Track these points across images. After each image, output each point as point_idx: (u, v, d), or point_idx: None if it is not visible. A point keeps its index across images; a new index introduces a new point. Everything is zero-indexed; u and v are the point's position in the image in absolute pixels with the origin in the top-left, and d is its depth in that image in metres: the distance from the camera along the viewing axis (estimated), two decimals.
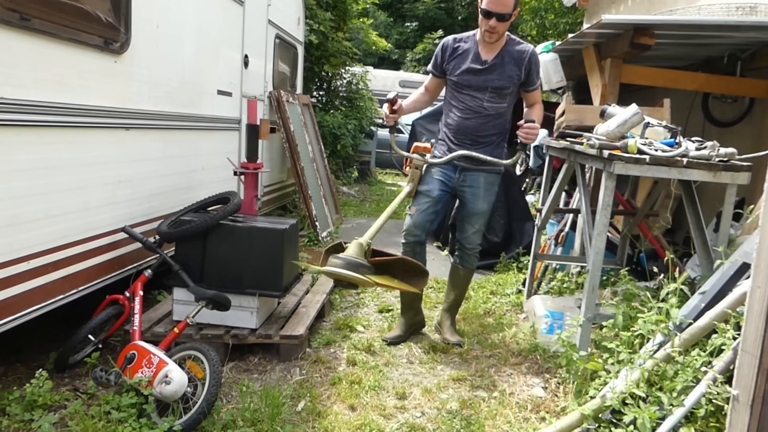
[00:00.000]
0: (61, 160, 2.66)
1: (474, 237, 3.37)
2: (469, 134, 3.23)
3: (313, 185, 6.15)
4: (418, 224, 3.28)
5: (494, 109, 3.20)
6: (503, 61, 3.16)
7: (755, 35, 3.75)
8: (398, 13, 24.46)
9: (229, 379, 2.86)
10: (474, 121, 3.21)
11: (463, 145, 3.24)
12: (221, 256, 3.04)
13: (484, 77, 3.16)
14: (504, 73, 3.15)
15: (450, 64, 3.25)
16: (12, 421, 2.33)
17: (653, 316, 2.42)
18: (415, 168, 3.25)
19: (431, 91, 3.43)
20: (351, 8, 10.53)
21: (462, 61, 3.21)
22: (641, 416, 2.05)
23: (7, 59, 2.30)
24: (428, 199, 3.26)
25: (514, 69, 3.16)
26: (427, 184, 3.28)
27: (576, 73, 5.03)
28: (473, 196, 3.28)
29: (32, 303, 2.53)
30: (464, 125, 3.23)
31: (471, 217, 3.32)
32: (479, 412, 2.66)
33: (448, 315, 3.55)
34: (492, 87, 3.16)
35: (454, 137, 3.27)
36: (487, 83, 3.16)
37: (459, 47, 3.25)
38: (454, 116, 3.27)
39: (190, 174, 3.95)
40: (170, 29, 3.53)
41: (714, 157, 2.72)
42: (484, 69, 3.16)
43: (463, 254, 3.44)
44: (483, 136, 3.23)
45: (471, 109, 3.21)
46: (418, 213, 3.28)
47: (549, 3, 12.95)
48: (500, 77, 3.15)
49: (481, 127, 3.22)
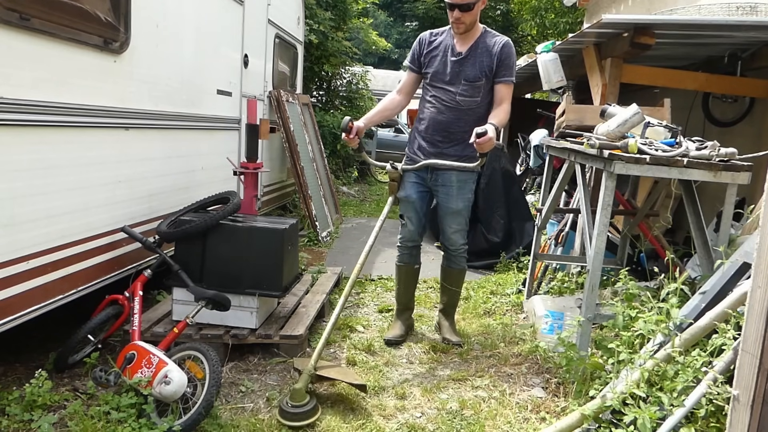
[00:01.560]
0: (60, 160, 2.66)
1: (455, 237, 3.33)
2: (441, 130, 3.18)
3: (313, 185, 6.15)
4: (412, 232, 3.34)
5: (467, 104, 3.14)
6: (477, 52, 3.13)
7: (755, 35, 3.75)
8: (398, 13, 24.46)
9: (229, 379, 2.86)
10: (446, 116, 3.16)
11: (433, 142, 3.20)
12: (221, 256, 3.03)
13: (458, 69, 3.13)
14: (476, 63, 3.11)
15: (427, 57, 3.22)
16: (11, 421, 2.32)
17: (653, 316, 2.42)
18: (392, 180, 3.19)
19: (406, 91, 3.34)
20: (351, 8, 10.54)
21: (438, 53, 3.19)
22: (641, 416, 2.05)
23: (6, 59, 2.30)
24: (410, 205, 3.27)
25: (486, 59, 3.11)
26: (404, 189, 3.26)
27: (576, 73, 5.03)
28: (446, 196, 3.24)
29: (32, 303, 2.53)
30: (436, 120, 3.18)
31: (447, 217, 3.28)
32: (479, 412, 2.66)
33: (446, 315, 3.54)
34: (465, 79, 3.11)
35: (424, 133, 3.23)
36: (460, 75, 3.12)
37: (435, 40, 3.23)
38: (427, 111, 3.23)
39: (190, 174, 3.95)
40: (170, 29, 3.53)
41: (714, 157, 2.71)
42: (457, 60, 3.13)
43: (449, 255, 3.42)
44: (454, 132, 3.16)
45: (444, 103, 3.16)
46: (408, 222, 3.30)
47: (549, 2, 12.95)
48: (473, 68, 3.11)
49: (453, 123, 3.16)
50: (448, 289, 3.50)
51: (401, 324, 3.48)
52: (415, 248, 3.40)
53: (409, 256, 3.41)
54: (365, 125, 3.13)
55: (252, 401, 2.68)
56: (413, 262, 3.45)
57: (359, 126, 3.06)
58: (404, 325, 3.49)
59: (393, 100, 3.32)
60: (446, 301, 3.53)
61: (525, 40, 17.96)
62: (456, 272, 3.46)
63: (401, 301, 3.53)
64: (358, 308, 4.06)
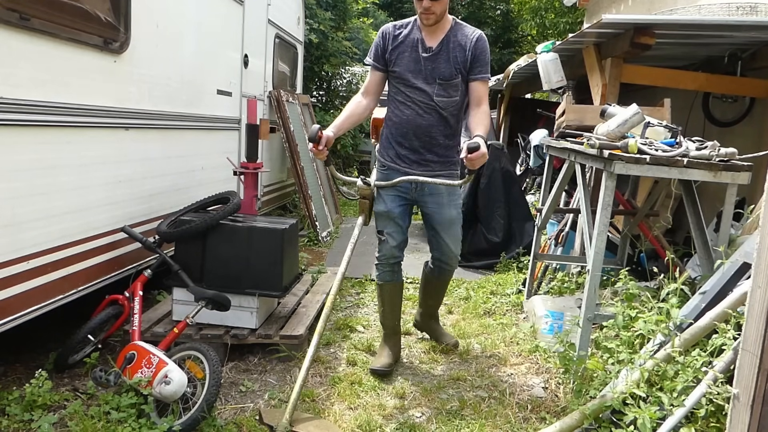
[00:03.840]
0: (60, 160, 2.66)
1: (453, 248, 3.02)
2: (422, 134, 2.84)
3: (313, 185, 6.16)
4: (393, 248, 2.97)
5: (444, 104, 2.82)
6: (449, 47, 2.80)
7: (756, 35, 3.75)
8: (398, 13, 24.44)
9: (229, 379, 2.86)
10: (425, 119, 2.83)
11: (413, 149, 2.87)
12: (221, 256, 3.03)
13: (431, 66, 2.80)
14: (449, 59, 2.79)
15: (393, 54, 2.85)
16: (12, 422, 2.32)
17: (653, 316, 2.42)
18: (363, 198, 2.79)
19: (372, 92, 2.94)
20: (351, 8, 10.54)
21: (405, 49, 2.84)
22: (641, 416, 2.05)
23: (6, 59, 2.30)
24: (391, 221, 2.92)
25: (460, 54, 2.79)
26: (384, 203, 2.89)
27: (576, 73, 5.03)
28: (437, 205, 2.91)
29: (32, 303, 2.53)
30: (414, 124, 2.83)
31: (440, 228, 2.96)
32: (479, 412, 2.66)
33: (432, 317, 3.37)
34: (439, 77, 2.79)
35: (402, 138, 2.88)
36: (434, 72, 2.79)
37: (401, 34, 2.86)
38: (402, 114, 2.86)
39: (190, 174, 3.95)
40: (170, 29, 3.53)
41: (714, 157, 2.71)
42: (429, 57, 2.80)
43: (442, 268, 3.11)
44: (435, 137, 2.85)
45: (420, 105, 2.82)
46: (389, 238, 2.94)
47: (549, 2, 12.96)
48: (446, 65, 2.79)
49: (434, 126, 2.84)
50: (431, 296, 3.27)
51: (389, 351, 3.08)
52: (397, 264, 3.05)
53: (391, 273, 3.03)
54: (335, 134, 2.74)
55: (252, 401, 2.68)
56: (396, 278, 3.07)
57: (328, 136, 2.66)
58: (392, 351, 3.09)
59: (359, 104, 2.91)
60: (432, 303, 3.29)
61: (525, 40, 17.97)
62: (443, 282, 3.22)
63: (388, 324, 3.15)
64: (358, 308, 4.06)
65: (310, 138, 2.61)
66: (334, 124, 2.81)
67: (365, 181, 2.77)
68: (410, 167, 2.86)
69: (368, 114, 2.98)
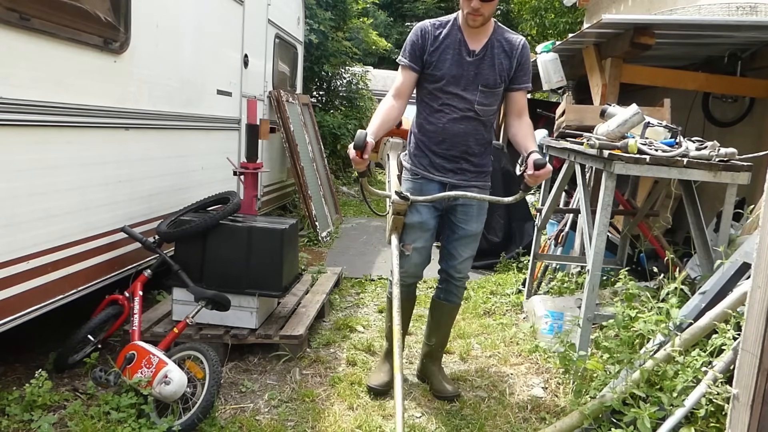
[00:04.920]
0: (60, 160, 2.66)
1: (466, 264, 2.80)
2: (459, 143, 2.64)
3: (313, 185, 6.15)
4: (417, 266, 2.75)
5: (485, 112, 2.64)
6: (494, 51, 2.60)
7: (755, 35, 3.75)
8: (398, 13, 24.44)
9: (229, 379, 2.86)
10: (464, 127, 2.63)
11: (446, 158, 2.67)
12: (221, 256, 3.03)
13: (475, 71, 2.58)
14: (494, 66, 2.60)
15: (433, 55, 2.60)
16: (11, 422, 2.32)
17: (653, 316, 2.42)
18: (398, 214, 2.57)
19: (405, 94, 2.68)
20: (351, 8, 10.54)
21: (447, 51, 2.60)
22: (641, 416, 2.05)
23: (6, 59, 2.30)
24: (425, 233, 2.70)
25: (505, 61, 2.61)
26: (418, 214, 2.66)
27: (576, 73, 5.03)
28: (466, 216, 2.71)
29: (32, 303, 2.53)
30: (452, 132, 2.62)
31: (463, 240, 2.74)
32: (479, 412, 2.66)
33: (434, 361, 2.94)
34: (483, 84, 2.59)
35: (438, 147, 2.67)
36: (478, 79, 2.59)
37: (441, 34, 2.62)
38: (436, 122, 2.64)
39: (190, 174, 3.95)
40: (170, 29, 3.53)
41: (714, 157, 2.71)
42: (473, 61, 2.58)
43: (450, 286, 2.85)
44: (472, 146, 2.67)
45: (461, 113, 2.61)
46: (417, 252, 2.70)
47: (549, 2, 12.95)
48: (491, 71, 2.59)
49: (471, 134, 2.65)
50: (439, 327, 2.93)
51: (389, 368, 2.81)
52: (414, 285, 2.86)
53: (407, 292, 2.79)
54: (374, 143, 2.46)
55: (252, 401, 2.68)
56: (410, 297, 2.88)
57: (372, 144, 2.38)
58: (391, 369, 2.74)
59: (393, 108, 2.64)
60: (436, 341, 2.93)
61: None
62: (452, 308, 2.91)
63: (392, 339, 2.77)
64: (358, 308, 4.06)
65: (357, 145, 2.30)
66: (372, 132, 2.47)
67: (402, 195, 2.51)
68: (445, 176, 2.68)
69: (400, 117, 2.69)
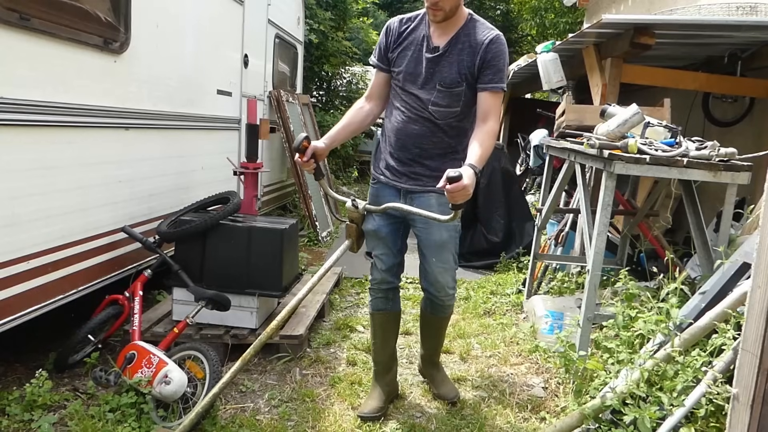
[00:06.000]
0: (60, 160, 2.66)
1: (441, 278, 2.54)
2: (411, 145, 2.45)
3: (313, 185, 6.16)
4: (383, 272, 2.60)
5: (442, 116, 2.39)
6: (457, 47, 2.37)
7: (755, 35, 3.75)
8: (398, 13, 24.47)
9: None
10: (417, 128, 2.43)
11: (400, 160, 2.48)
12: (221, 256, 3.03)
13: (432, 69, 2.38)
14: (454, 63, 2.36)
15: (394, 51, 2.46)
16: (12, 421, 2.32)
17: (653, 316, 2.42)
18: (351, 222, 2.45)
19: (376, 96, 2.55)
20: (351, 8, 10.55)
21: (409, 47, 2.44)
22: (641, 416, 2.05)
23: (6, 59, 2.30)
24: (380, 241, 2.56)
25: (467, 57, 2.35)
26: (372, 220, 2.52)
27: (576, 73, 5.03)
28: (426, 225, 2.46)
29: (32, 303, 2.53)
30: (404, 132, 2.45)
31: (429, 252, 2.52)
32: (479, 412, 2.66)
33: (433, 364, 2.88)
34: (440, 82, 2.38)
35: (392, 149, 2.50)
36: (435, 77, 2.38)
37: (406, 30, 2.46)
38: (393, 121, 2.49)
39: (190, 174, 3.95)
40: (170, 29, 3.53)
41: (714, 157, 2.71)
42: (433, 58, 2.38)
43: (432, 302, 2.64)
44: (427, 149, 2.45)
45: (413, 112, 2.43)
46: (379, 261, 2.58)
47: (549, 2, 12.96)
48: (449, 68, 2.37)
49: (426, 137, 2.43)
50: (430, 336, 2.82)
51: (380, 392, 2.66)
52: (392, 290, 2.66)
53: (384, 300, 2.64)
54: (327, 146, 2.38)
55: (252, 401, 2.68)
56: (391, 307, 2.68)
57: (317, 147, 2.31)
58: (384, 392, 2.67)
59: (360, 111, 2.53)
60: (430, 347, 2.82)
61: (525, 40, 17.97)
62: (439, 319, 2.74)
63: (379, 360, 2.72)
64: (358, 308, 4.06)
65: (295, 148, 2.28)
66: (328, 135, 2.43)
67: (355, 202, 2.42)
68: (399, 180, 2.50)
69: (371, 121, 2.59)
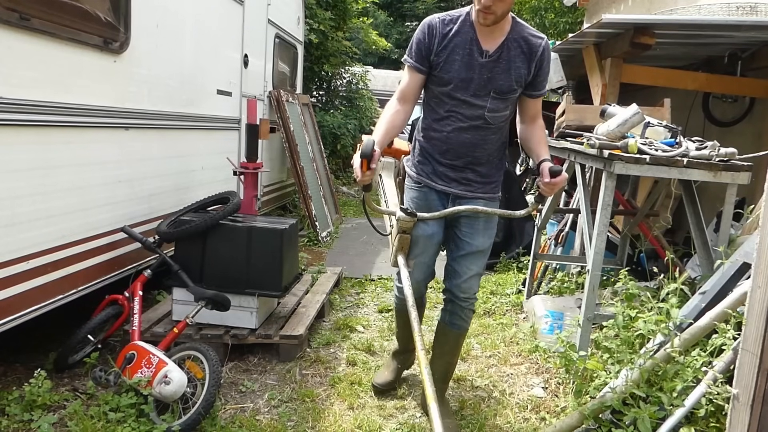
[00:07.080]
0: (60, 160, 2.66)
1: (472, 282, 2.51)
2: (464, 154, 2.38)
3: (312, 185, 6.15)
4: (422, 281, 2.55)
5: (496, 120, 2.35)
6: (510, 53, 2.27)
7: (755, 35, 3.75)
8: (398, 13, 24.44)
9: (229, 379, 2.86)
10: (470, 137, 2.35)
11: (451, 167, 2.41)
12: (221, 256, 3.03)
13: (488, 75, 2.27)
14: (510, 70, 2.27)
15: (441, 55, 2.29)
16: (11, 421, 2.32)
17: (653, 316, 2.42)
18: (403, 232, 2.33)
19: (411, 98, 2.39)
20: (351, 8, 10.54)
21: (456, 51, 2.27)
22: (641, 416, 2.05)
23: (6, 59, 2.30)
24: (430, 247, 2.48)
25: (522, 65, 2.28)
26: (426, 226, 2.43)
27: (576, 73, 5.03)
28: (471, 230, 2.44)
29: (32, 303, 2.53)
30: (458, 141, 2.36)
31: (469, 257, 2.46)
32: (479, 412, 2.66)
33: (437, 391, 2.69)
34: (496, 90, 2.28)
35: (441, 157, 2.42)
36: (490, 84, 2.28)
37: (450, 32, 2.29)
38: (441, 129, 2.38)
39: (190, 174, 3.95)
40: (170, 29, 3.53)
41: (714, 157, 2.71)
42: (486, 63, 2.26)
43: (455, 307, 2.55)
44: (479, 156, 2.40)
45: (466, 120, 2.33)
46: (420, 265, 2.49)
47: (549, 2, 12.95)
48: (506, 76, 2.27)
49: (478, 145, 2.37)
50: (444, 354, 2.66)
51: (395, 367, 2.83)
52: (421, 297, 2.64)
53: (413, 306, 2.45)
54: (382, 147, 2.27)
55: (252, 401, 2.68)
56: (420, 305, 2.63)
57: (378, 153, 2.15)
58: (398, 368, 2.83)
59: (398, 113, 2.38)
60: (439, 371, 2.59)
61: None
62: (457, 334, 2.63)
63: (401, 341, 2.87)
64: (358, 308, 4.06)
65: (364, 153, 2.05)
66: (378, 141, 2.20)
67: (409, 211, 2.27)
68: (449, 185, 2.43)
69: (406, 123, 2.46)
